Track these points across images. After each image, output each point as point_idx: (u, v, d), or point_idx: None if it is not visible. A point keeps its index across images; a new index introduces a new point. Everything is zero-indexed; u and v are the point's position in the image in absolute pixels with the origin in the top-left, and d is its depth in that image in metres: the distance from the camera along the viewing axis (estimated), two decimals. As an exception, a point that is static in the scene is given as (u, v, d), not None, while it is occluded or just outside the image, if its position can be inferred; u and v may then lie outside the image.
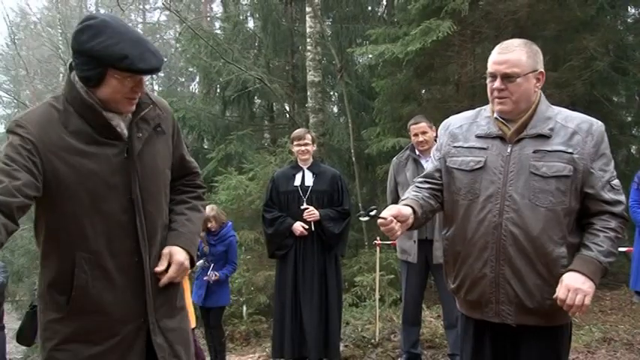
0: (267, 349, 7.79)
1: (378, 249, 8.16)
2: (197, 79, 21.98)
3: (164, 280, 2.53)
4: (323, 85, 14.02)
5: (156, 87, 31.85)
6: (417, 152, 5.87)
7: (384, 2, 15.50)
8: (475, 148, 2.91)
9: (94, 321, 2.43)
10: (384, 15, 15.39)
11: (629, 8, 13.60)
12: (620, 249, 10.00)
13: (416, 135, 5.83)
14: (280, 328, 6.41)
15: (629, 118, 13.77)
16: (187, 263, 2.59)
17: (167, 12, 23.77)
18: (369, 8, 15.51)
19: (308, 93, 13.12)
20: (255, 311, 10.75)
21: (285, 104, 15.02)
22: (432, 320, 7.12)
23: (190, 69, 21.41)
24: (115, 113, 2.43)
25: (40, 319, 2.51)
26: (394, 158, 6.20)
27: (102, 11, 36.13)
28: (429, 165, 3.20)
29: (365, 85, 13.36)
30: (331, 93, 16.24)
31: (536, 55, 2.87)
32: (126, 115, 2.48)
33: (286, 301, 6.36)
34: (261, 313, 10.89)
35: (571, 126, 2.79)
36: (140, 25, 28.34)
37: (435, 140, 5.82)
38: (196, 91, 22.48)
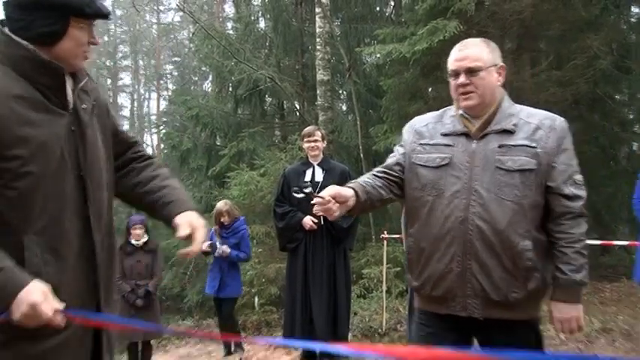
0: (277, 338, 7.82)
1: (385, 242, 8.20)
2: (210, 78, 22.01)
3: (196, 247, 2.31)
4: (332, 83, 14.05)
5: (170, 85, 32.04)
6: (424, 149, 5.90)
7: (392, 3, 15.50)
8: (441, 145, 2.87)
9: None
10: (392, 15, 15.38)
11: (632, 8, 13.60)
12: (619, 242, 10.02)
13: (422, 132, 5.86)
14: (291, 318, 6.46)
15: (632, 116, 13.81)
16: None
17: (181, 13, 23.88)
18: (377, 9, 15.53)
19: (317, 91, 13.16)
20: (267, 302, 10.81)
21: (296, 102, 15.05)
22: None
23: (203, 68, 21.50)
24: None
25: None
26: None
27: (117, 12, 36.32)
28: (389, 158, 3.09)
29: (373, 84, 13.39)
30: (340, 91, 16.26)
31: (495, 50, 2.88)
32: (71, 83, 2.20)
33: (296, 292, 6.42)
34: (272, 304, 10.96)
35: (534, 122, 2.78)
36: (155, 26, 28.42)
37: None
38: (209, 89, 22.54)
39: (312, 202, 2.74)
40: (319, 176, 6.34)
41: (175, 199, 2.43)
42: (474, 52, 2.79)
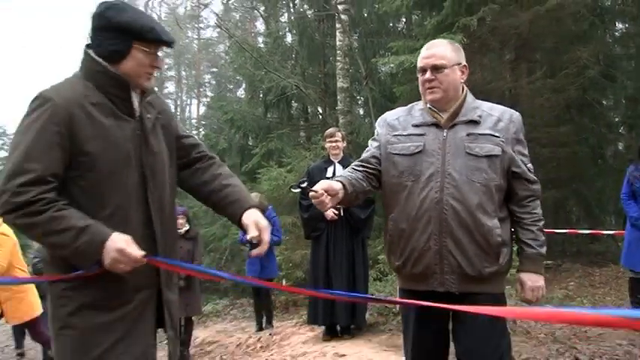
0: (303, 317, 7.82)
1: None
2: (243, 86, 22.04)
3: (264, 247, 2.34)
4: (351, 90, 14.02)
5: (208, 93, 32.14)
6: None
7: (404, 19, 15.41)
8: (413, 135, 2.83)
9: (109, 288, 2.18)
10: (404, 30, 15.31)
11: (617, 23, 13.63)
12: (607, 232, 9.92)
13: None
14: (314, 298, 6.44)
15: (617, 119, 13.81)
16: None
17: (218, 29, 23.93)
18: (391, 24, 15.44)
19: (338, 97, 13.15)
20: (293, 284, 10.81)
21: (318, 107, 15.02)
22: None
23: (238, 77, 21.50)
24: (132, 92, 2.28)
25: (51, 289, 2.24)
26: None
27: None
28: (364, 153, 3.02)
29: (387, 91, 13.32)
30: (358, 97, 16.19)
31: (459, 51, 2.87)
32: (138, 96, 2.30)
33: (319, 275, 6.40)
34: (298, 286, 10.95)
35: (495, 114, 2.80)
36: (195, 41, 28.50)
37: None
38: (242, 96, 22.55)
39: (294, 190, 2.74)
40: (339, 172, 6.30)
41: (237, 198, 2.45)
42: (440, 51, 2.79)
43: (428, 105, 2.86)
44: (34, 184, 2.02)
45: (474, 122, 2.76)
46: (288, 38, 17.14)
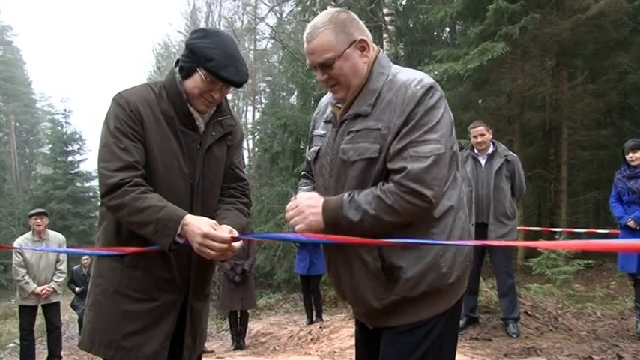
0: (350, 311, 7.79)
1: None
2: (295, 93, 22.12)
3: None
4: (397, 97, 13.93)
5: (263, 100, 32.39)
6: (476, 151, 5.76)
7: (448, 29, 15.26)
8: (318, 136, 2.17)
9: (141, 279, 2.21)
10: (448, 39, 15.18)
11: (658, 29, 13.11)
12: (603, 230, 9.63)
13: (475, 137, 5.74)
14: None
15: (658, 122, 13.29)
16: (235, 246, 2.11)
17: (273, 41, 24.12)
18: (435, 34, 15.30)
19: (385, 103, 13.02)
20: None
21: (366, 113, 14.99)
22: (487, 290, 6.97)
23: (290, 85, 21.64)
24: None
25: (96, 265, 2.33)
26: (456, 156, 6.08)
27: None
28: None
29: (432, 97, 13.23)
30: (404, 103, 16.10)
31: (348, 25, 1.99)
32: (207, 115, 2.31)
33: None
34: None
35: (389, 93, 1.95)
36: (251, 52, 28.78)
37: (492, 142, 5.72)
38: (295, 102, 22.67)
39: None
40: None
41: (226, 219, 2.26)
42: (321, 42, 1.96)
43: (331, 99, 2.13)
44: (123, 170, 2.10)
45: (362, 116, 1.97)
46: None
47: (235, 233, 2.12)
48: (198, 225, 2.04)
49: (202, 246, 2.03)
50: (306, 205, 1.96)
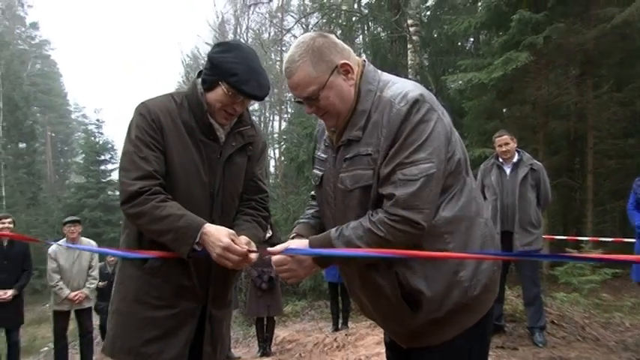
0: (376, 319, 7.74)
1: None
2: (321, 102, 22.15)
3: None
4: (422, 106, 13.90)
5: (289, 109, 32.52)
6: (501, 160, 5.69)
7: (472, 39, 15.17)
8: (320, 159, 2.08)
9: (160, 286, 2.21)
10: (472, 49, 15.10)
11: (684, 37, 12.90)
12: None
13: (500, 146, 5.66)
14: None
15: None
16: (252, 257, 2.12)
17: (298, 51, 24.28)
18: (459, 43, 15.23)
19: (409, 113, 13.00)
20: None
21: (391, 122, 14.96)
22: (513, 299, 6.86)
23: (316, 95, 21.70)
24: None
25: (119, 273, 2.35)
26: (482, 165, 6.01)
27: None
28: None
29: (456, 106, 13.10)
30: (428, 113, 16.05)
31: (325, 51, 1.89)
32: (229, 125, 2.32)
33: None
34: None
35: (376, 114, 1.86)
36: (278, 63, 28.96)
37: (517, 151, 5.65)
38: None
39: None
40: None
41: (244, 230, 2.26)
42: (300, 77, 1.87)
43: None
44: (142, 179, 2.11)
45: (354, 141, 1.89)
46: (363, 57, 17.14)
47: (253, 246, 2.13)
48: (218, 236, 2.04)
49: (221, 257, 2.04)
50: (296, 261, 1.91)
